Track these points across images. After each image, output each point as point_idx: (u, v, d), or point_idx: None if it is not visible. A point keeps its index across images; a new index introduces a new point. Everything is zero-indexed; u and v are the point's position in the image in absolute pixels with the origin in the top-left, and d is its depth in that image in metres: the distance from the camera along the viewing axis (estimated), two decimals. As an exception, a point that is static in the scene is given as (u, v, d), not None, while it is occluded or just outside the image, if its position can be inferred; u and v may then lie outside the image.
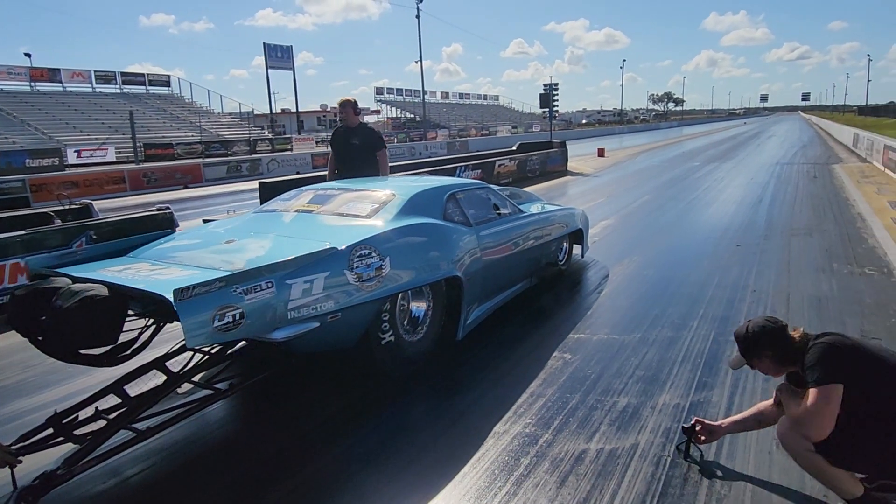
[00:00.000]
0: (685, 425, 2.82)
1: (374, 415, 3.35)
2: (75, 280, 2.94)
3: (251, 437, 3.25)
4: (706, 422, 2.78)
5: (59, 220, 6.67)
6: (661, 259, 6.86)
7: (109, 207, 12.94)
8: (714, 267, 6.23)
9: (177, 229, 5.72)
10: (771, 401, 2.62)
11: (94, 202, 8.09)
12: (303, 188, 4.92)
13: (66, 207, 7.13)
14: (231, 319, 2.67)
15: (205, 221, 6.59)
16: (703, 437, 2.77)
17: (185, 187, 19.43)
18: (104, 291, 2.77)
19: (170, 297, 2.53)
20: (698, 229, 8.77)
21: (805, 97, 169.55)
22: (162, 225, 6.55)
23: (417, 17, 42.49)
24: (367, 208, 4.09)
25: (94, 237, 6.11)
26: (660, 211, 10.38)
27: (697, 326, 4.48)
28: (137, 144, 25.25)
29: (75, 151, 25.87)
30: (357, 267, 3.29)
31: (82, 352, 2.96)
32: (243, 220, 4.56)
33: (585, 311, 5.00)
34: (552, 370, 3.81)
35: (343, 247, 3.30)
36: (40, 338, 2.87)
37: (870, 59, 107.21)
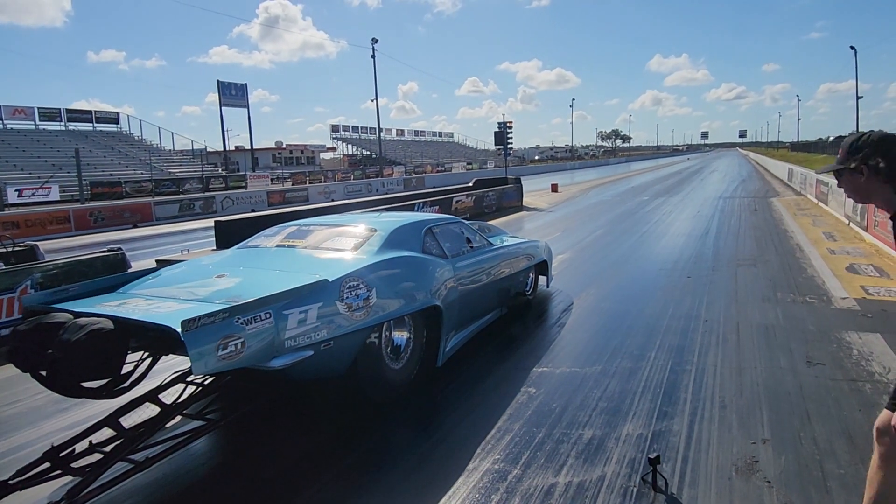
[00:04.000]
0: (650, 456, 2.89)
1: (345, 454, 3.32)
2: (77, 315, 2.98)
3: (233, 472, 3.26)
4: None
5: (2, 263, 6.38)
6: (617, 291, 7.06)
7: (54, 248, 12.43)
8: (667, 298, 6.45)
9: (129, 270, 5.56)
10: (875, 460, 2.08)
11: (38, 243, 7.78)
12: (284, 224, 5.02)
13: (9, 249, 6.83)
14: (234, 349, 2.77)
15: (158, 262, 6.45)
16: None
17: (135, 226, 18.87)
18: (110, 325, 2.83)
19: (178, 328, 2.60)
20: (651, 262, 9.07)
21: (742, 134, 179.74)
22: (113, 266, 6.36)
23: (373, 56, 43.18)
24: (351, 243, 4.27)
25: (41, 281, 5.88)
26: (614, 244, 10.70)
27: (655, 357, 4.61)
28: (84, 183, 24.45)
29: (16, 191, 24.80)
30: (347, 297, 3.43)
31: (83, 385, 3.02)
32: (229, 255, 4.63)
33: (548, 345, 5.08)
34: (518, 404, 3.85)
35: (334, 279, 3.44)
36: (43, 372, 2.92)
37: (799, 100, 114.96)
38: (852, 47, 47.69)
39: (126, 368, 3.33)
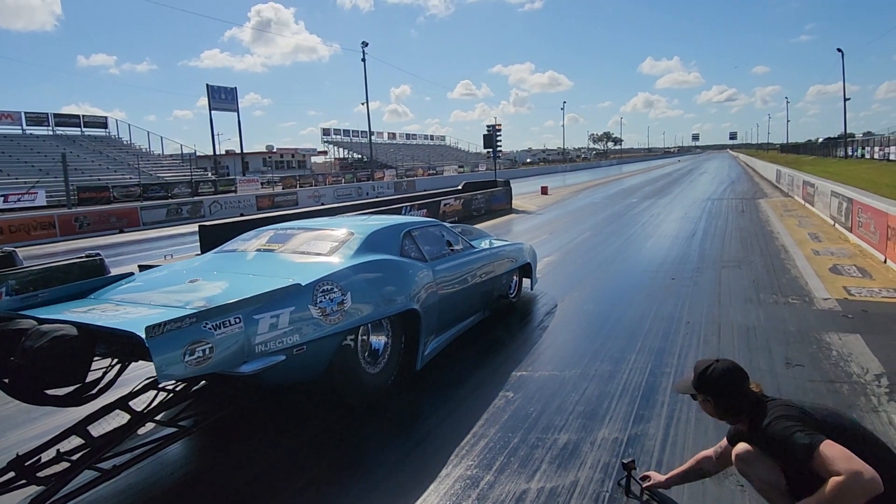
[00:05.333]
0: (624, 461, 2.86)
1: (317, 461, 3.27)
2: (41, 321, 2.93)
3: (204, 480, 3.21)
4: (654, 477, 2.78)
5: (-23, 270, 6.26)
6: (601, 294, 7.05)
7: (36, 254, 12.32)
8: (651, 300, 6.44)
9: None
10: (711, 452, 2.60)
11: (18, 249, 7.67)
12: (262, 228, 4.97)
13: (-14, 256, 6.71)
14: (201, 354, 2.73)
15: (140, 267, 6.37)
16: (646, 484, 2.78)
17: (121, 231, 18.73)
18: (73, 331, 2.78)
19: (141, 334, 2.56)
20: (636, 263, 9.08)
21: (733, 136, 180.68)
22: (91, 272, 6.26)
23: (363, 60, 43.09)
24: (328, 246, 4.22)
25: (16, 287, 5.78)
26: (600, 246, 10.70)
27: (635, 360, 4.59)
28: (71, 188, 24.22)
29: (1, 196, 24.60)
30: (320, 302, 3.40)
31: (48, 392, 2.97)
32: (205, 260, 4.59)
33: (529, 348, 5.05)
34: (496, 409, 3.81)
35: (307, 283, 3.41)
36: (6, 380, 2.87)
37: (788, 102, 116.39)
38: (839, 50, 48.24)
39: (95, 375, 3.30)
